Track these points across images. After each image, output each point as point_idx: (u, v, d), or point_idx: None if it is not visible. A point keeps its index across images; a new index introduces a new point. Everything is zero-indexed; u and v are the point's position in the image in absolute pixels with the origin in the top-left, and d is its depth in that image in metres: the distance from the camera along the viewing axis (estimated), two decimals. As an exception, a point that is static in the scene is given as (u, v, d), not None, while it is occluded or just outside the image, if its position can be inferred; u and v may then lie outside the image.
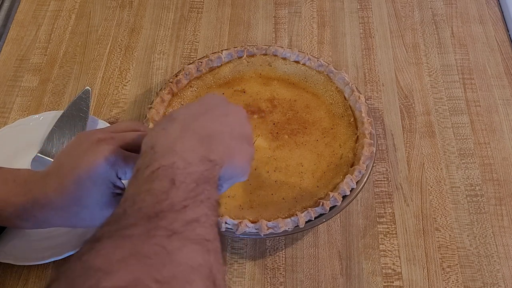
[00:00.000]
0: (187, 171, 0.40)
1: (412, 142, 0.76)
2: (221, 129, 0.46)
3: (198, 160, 0.41)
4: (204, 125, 0.45)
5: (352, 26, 0.90)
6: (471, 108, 0.79)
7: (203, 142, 0.43)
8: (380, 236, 0.68)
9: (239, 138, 0.47)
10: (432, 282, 0.64)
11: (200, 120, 0.46)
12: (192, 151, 0.42)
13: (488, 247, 0.67)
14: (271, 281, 0.64)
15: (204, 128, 0.45)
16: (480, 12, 0.91)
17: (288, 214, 0.64)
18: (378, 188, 0.71)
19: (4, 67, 0.85)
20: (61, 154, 0.51)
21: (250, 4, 0.93)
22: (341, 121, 0.73)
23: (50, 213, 0.49)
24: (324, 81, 0.76)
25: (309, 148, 0.70)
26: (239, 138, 0.47)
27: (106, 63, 0.85)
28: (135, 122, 0.55)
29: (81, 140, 0.50)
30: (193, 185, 0.39)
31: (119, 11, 0.92)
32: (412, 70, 0.84)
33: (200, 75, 0.77)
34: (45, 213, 0.49)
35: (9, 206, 0.49)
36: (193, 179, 0.39)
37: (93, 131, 0.51)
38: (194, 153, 0.42)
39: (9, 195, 0.49)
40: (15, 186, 0.50)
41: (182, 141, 0.42)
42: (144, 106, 0.80)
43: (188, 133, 0.44)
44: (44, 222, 0.51)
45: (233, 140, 0.46)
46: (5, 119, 0.78)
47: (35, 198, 0.49)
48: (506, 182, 0.72)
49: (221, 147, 0.44)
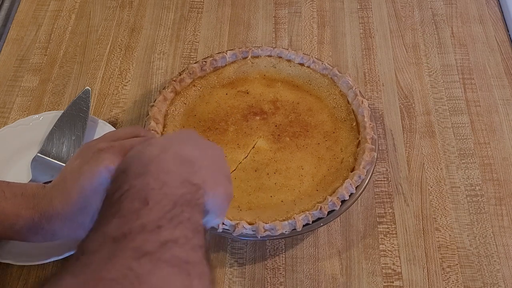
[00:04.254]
0: (163, 191, 0.36)
1: (412, 142, 0.76)
2: (203, 157, 0.43)
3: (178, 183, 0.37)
4: (184, 149, 0.42)
5: (352, 26, 0.90)
6: (471, 108, 0.79)
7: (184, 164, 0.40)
8: (380, 236, 0.68)
9: (221, 170, 0.45)
10: (432, 282, 0.64)
11: (181, 146, 0.43)
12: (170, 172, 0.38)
13: (488, 247, 0.67)
14: (271, 281, 0.64)
15: (185, 152, 0.42)
16: (480, 12, 0.91)
17: (286, 217, 0.63)
18: (378, 188, 0.71)
19: (4, 67, 0.85)
20: (66, 166, 0.52)
21: (250, 4, 0.93)
22: (343, 125, 0.73)
23: (58, 224, 0.50)
24: (327, 84, 0.76)
25: (310, 151, 0.70)
26: (221, 170, 0.45)
27: (106, 63, 0.85)
28: (135, 127, 0.55)
29: (84, 151, 0.51)
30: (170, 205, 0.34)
31: (119, 11, 0.92)
32: (412, 70, 0.84)
33: (204, 74, 0.77)
34: (53, 225, 0.50)
35: (20, 220, 0.50)
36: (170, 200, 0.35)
37: (95, 141, 0.52)
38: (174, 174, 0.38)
39: (18, 208, 0.50)
40: (24, 199, 0.51)
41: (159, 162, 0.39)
42: (144, 106, 0.80)
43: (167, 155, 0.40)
44: (53, 234, 0.51)
45: (216, 170, 0.43)
46: (5, 119, 0.78)
47: (43, 210, 0.50)
48: (506, 182, 0.72)
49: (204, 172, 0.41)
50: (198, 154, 0.43)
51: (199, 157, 0.42)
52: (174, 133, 0.48)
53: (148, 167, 0.38)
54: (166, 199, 0.35)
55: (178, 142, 0.44)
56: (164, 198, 0.35)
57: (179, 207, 0.35)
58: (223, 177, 0.45)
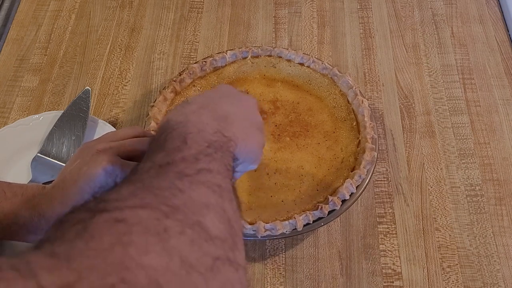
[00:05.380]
0: (200, 135, 0.41)
1: (412, 142, 0.76)
2: (236, 112, 0.47)
3: (212, 132, 0.42)
4: (220, 106, 0.47)
5: (352, 26, 0.90)
6: (471, 108, 0.79)
7: (219, 120, 0.44)
8: (380, 236, 0.68)
9: (253, 123, 0.49)
10: (432, 282, 0.64)
11: (217, 102, 0.48)
12: (206, 123, 0.43)
13: (488, 247, 0.67)
14: (271, 281, 0.64)
15: (220, 109, 0.46)
16: (480, 12, 0.91)
17: (287, 216, 0.63)
18: (378, 188, 0.71)
19: (4, 67, 0.85)
20: (65, 167, 0.53)
21: (250, 4, 0.93)
22: (343, 125, 0.73)
23: None
24: (328, 84, 0.76)
25: (310, 151, 0.70)
26: (253, 123, 0.49)
27: (106, 63, 0.85)
28: (134, 128, 0.55)
29: (83, 152, 0.51)
30: (205, 146, 0.40)
31: (119, 11, 0.92)
32: (412, 70, 0.84)
33: (204, 74, 0.77)
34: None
35: (19, 220, 0.50)
36: (205, 142, 0.40)
37: (94, 142, 0.52)
38: (209, 125, 0.43)
39: (18, 208, 0.50)
40: (24, 200, 0.51)
41: (197, 115, 0.44)
42: (144, 106, 0.80)
43: (204, 110, 0.45)
44: None
45: (247, 124, 0.47)
46: (5, 119, 0.78)
47: (43, 211, 0.50)
48: (506, 182, 0.72)
49: (236, 127, 0.45)
50: (232, 109, 0.47)
51: (233, 113, 0.47)
52: (212, 90, 0.53)
53: (188, 116, 0.43)
54: (202, 141, 0.40)
55: (216, 98, 0.49)
56: (200, 140, 0.40)
57: (212, 148, 0.40)
58: (254, 129, 0.48)
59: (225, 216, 0.34)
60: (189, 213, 0.31)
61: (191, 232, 0.30)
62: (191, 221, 0.31)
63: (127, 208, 0.30)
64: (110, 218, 0.29)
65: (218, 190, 0.36)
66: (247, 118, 0.48)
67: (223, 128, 0.43)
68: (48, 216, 0.50)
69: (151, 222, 0.29)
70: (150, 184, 0.34)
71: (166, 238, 0.29)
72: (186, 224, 0.30)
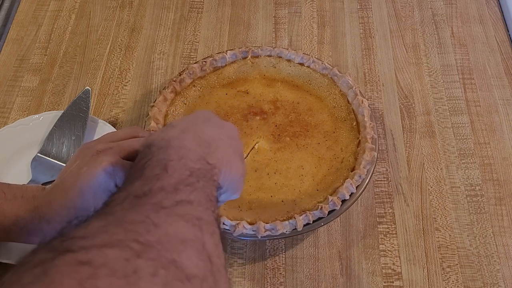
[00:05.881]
0: (182, 162, 0.39)
1: (412, 142, 0.76)
2: (219, 138, 0.46)
3: (195, 159, 0.41)
4: (203, 131, 0.45)
5: (352, 26, 0.90)
6: (471, 108, 0.79)
7: (202, 146, 0.43)
8: (380, 236, 0.68)
9: (236, 151, 0.47)
10: (432, 282, 0.64)
11: (199, 127, 0.46)
12: (189, 149, 0.41)
13: (488, 247, 0.67)
14: (271, 281, 0.64)
15: (204, 134, 0.45)
16: (480, 12, 0.91)
17: (287, 216, 0.63)
18: (378, 188, 0.71)
19: (4, 67, 0.85)
20: (65, 168, 0.52)
21: (250, 4, 0.93)
22: (343, 125, 0.73)
23: (57, 227, 0.50)
24: (327, 84, 0.76)
25: (310, 151, 0.70)
26: (236, 151, 0.47)
27: (106, 63, 0.85)
28: (134, 128, 0.55)
29: (82, 153, 0.51)
30: (186, 174, 0.38)
31: (119, 11, 0.92)
32: (412, 70, 0.84)
33: (204, 74, 0.77)
34: (52, 227, 0.50)
35: (19, 221, 0.50)
36: (187, 170, 0.38)
37: (94, 142, 0.52)
38: (191, 152, 0.41)
39: (18, 210, 0.50)
40: (24, 201, 0.51)
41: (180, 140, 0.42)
42: (144, 106, 0.80)
43: (187, 135, 0.43)
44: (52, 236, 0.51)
45: (231, 152, 0.46)
46: (5, 119, 0.78)
47: (43, 213, 0.50)
48: (506, 182, 0.72)
49: (219, 153, 0.44)
50: (216, 135, 0.46)
51: (216, 138, 0.45)
52: (193, 114, 0.51)
53: (170, 142, 0.42)
54: (183, 169, 0.38)
55: (198, 123, 0.48)
56: (182, 168, 0.39)
57: (194, 177, 0.38)
58: (237, 157, 0.47)
59: (204, 252, 0.32)
60: (164, 250, 0.29)
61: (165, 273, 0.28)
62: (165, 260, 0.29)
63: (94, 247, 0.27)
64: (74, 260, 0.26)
65: (198, 223, 0.33)
66: (231, 144, 0.47)
67: (207, 155, 0.42)
68: (49, 217, 0.50)
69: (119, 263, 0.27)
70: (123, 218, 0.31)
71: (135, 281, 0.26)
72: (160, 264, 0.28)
